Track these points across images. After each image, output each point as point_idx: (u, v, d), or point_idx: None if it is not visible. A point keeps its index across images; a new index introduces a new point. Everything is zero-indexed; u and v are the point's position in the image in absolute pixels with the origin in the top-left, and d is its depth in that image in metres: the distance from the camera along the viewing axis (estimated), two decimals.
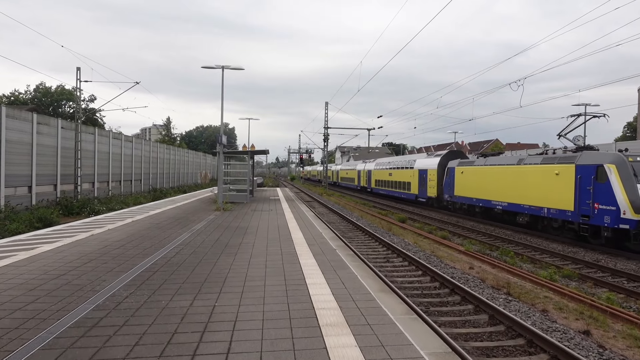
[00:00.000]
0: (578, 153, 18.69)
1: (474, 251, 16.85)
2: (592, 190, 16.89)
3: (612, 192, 15.99)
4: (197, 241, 10.77)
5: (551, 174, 19.21)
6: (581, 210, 17.48)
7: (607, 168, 16.32)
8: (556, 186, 18.82)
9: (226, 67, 19.00)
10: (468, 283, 10.84)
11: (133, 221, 14.56)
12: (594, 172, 16.85)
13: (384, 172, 42.64)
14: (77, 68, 26.23)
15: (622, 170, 15.89)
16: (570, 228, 18.60)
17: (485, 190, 24.61)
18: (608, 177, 16.22)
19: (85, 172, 28.31)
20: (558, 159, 19.33)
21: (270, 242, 10.78)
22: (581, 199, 17.46)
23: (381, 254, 14.72)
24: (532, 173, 20.59)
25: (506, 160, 23.90)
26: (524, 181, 21.18)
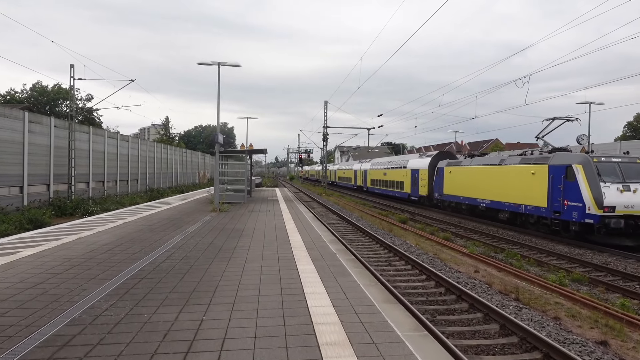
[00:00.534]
0: (552, 154, 19.92)
1: (478, 253, 16.31)
2: (563, 188, 18.24)
3: (579, 190, 17.39)
4: (189, 245, 10.22)
5: (528, 174, 20.55)
6: (553, 206, 18.87)
7: (575, 168, 17.71)
8: (532, 185, 20.14)
9: (222, 63, 18.43)
10: (475, 289, 10.30)
11: (124, 223, 14.00)
12: (564, 172, 18.21)
13: (379, 171, 43.94)
14: (71, 65, 25.64)
15: (587, 170, 17.29)
16: (544, 223, 19.95)
17: (470, 188, 25.91)
18: (576, 176, 17.60)
19: (80, 172, 27.73)
20: (534, 160, 20.68)
21: (266, 245, 10.23)
22: (553, 196, 18.83)
23: (383, 256, 14.17)
24: (512, 173, 21.94)
25: (489, 161, 25.29)
26: (504, 180, 22.52)
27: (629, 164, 17.71)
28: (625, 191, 16.74)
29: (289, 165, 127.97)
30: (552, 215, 19.04)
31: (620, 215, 16.55)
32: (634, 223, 16.62)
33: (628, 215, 16.57)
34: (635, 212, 16.63)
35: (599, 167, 17.28)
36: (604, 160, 17.70)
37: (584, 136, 26.89)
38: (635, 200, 16.71)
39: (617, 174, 17.24)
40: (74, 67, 25.72)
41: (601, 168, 17.29)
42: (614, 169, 17.48)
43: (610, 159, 18.03)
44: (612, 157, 18.52)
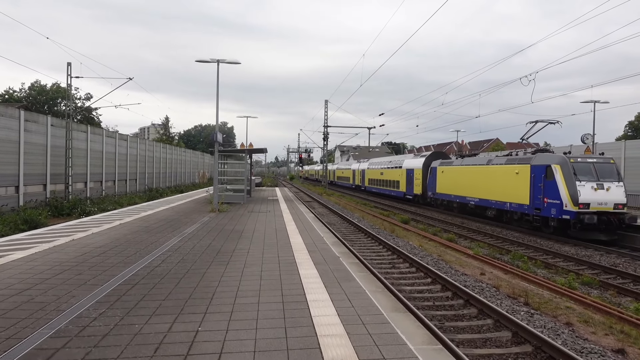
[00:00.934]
0: (534, 155, 21.13)
1: (484, 255, 15.94)
2: (543, 186, 19.42)
3: (557, 188, 18.57)
4: (186, 247, 9.83)
5: (512, 173, 21.81)
6: (534, 204, 20.02)
7: (554, 168, 18.86)
8: (516, 183, 21.39)
9: (222, 60, 18.05)
10: (483, 293, 9.92)
11: (120, 224, 13.62)
12: (544, 171, 19.40)
13: (376, 171, 45.18)
14: (68, 63, 25.25)
15: (565, 170, 18.48)
16: (527, 220, 21.11)
17: (461, 187, 27.05)
18: (554, 175, 18.78)
19: (77, 172, 27.36)
20: (518, 160, 21.88)
21: (266, 248, 9.85)
22: (534, 194, 20.00)
23: (386, 258, 13.80)
24: (498, 172, 23.26)
25: (478, 161, 26.38)
26: (491, 179, 23.80)
27: (603, 164, 18.86)
28: (599, 189, 18.03)
29: (289, 165, 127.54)
30: (533, 212, 20.21)
31: (594, 211, 17.76)
32: (606, 219, 17.76)
33: (601, 212, 17.78)
34: (607, 208, 17.86)
35: (575, 167, 18.47)
36: (580, 161, 18.89)
37: (588, 135, 26.61)
38: (608, 198, 17.96)
39: (592, 174, 18.42)
40: (71, 65, 25.34)
41: (577, 168, 18.49)
42: (589, 169, 18.61)
43: (586, 160, 19.17)
44: (587, 157, 19.69)
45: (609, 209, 17.87)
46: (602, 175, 18.39)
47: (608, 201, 17.94)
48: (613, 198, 18.00)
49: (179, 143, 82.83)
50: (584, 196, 17.84)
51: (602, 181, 18.19)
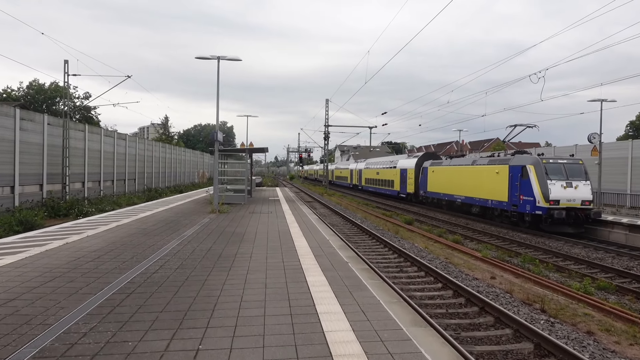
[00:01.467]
0: (513, 156, 22.98)
1: (492, 257, 15.47)
2: (519, 185, 21.16)
3: (531, 186, 20.29)
4: (186, 251, 9.34)
5: (493, 173, 23.57)
6: (512, 200, 21.81)
7: (528, 168, 20.64)
8: (496, 182, 23.17)
9: (222, 57, 17.55)
10: (498, 299, 9.44)
11: (118, 226, 13.13)
12: (520, 171, 21.16)
13: (373, 171, 46.86)
14: (65, 61, 24.74)
15: (538, 170, 20.22)
16: (505, 215, 22.91)
17: (449, 186, 28.71)
18: (529, 174, 20.52)
19: (75, 172, 26.86)
20: (498, 161, 23.73)
21: (270, 252, 9.36)
22: (512, 192, 21.78)
23: (393, 262, 13.31)
24: (481, 172, 25.05)
25: (465, 161, 27.97)
26: (475, 179, 25.52)
27: (572, 165, 20.77)
28: (567, 187, 19.84)
29: (288, 165, 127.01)
30: (511, 208, 22.02)
31: (563, 207, 19.52)
32: (574, 214, 19.64)
33: (569, 208, 19.59)
34: (575, 205, 19.69)
35: (547, 167, 20.25)
36: (551, 162, 20.68)
37: (595, 134, 26.12)
38: (576, 195, 19.78)
39: (562, 173, 20.20)
40: (68, 62, 24.82)
41: (549, 168, 20.28)
42: (560, 169, 20.39)
43: (557, 161, 21.01)
44: (558, 158, 21.56)
45: (577, 205, 19.73)
46: (571, 174, 20.26)
47: (576, 198, 19.78)
48: (580, 195, 19.87)
49: (179, 142, 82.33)
50: (554, 193, 19.66)
51: (571, 180, 20.04)
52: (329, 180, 71.46)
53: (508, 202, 22.20)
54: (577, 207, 19.68)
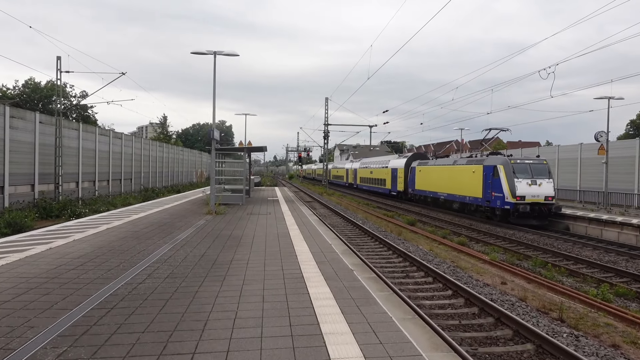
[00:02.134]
0: (487, 157, 25.31)
1: (501, 261, 14.82)
2: (491, 183, 23.40)
3: (501, 184, 22.56)
4: (177, 257, 8.67)
5: (470, 172, 25.72)
6: (486, 197, 24.04)
7: (499, 167, 22.92)
8: (473, 180, 25.37)
9: (219, 52, 16.86)
10: (514, 309, 8.76)
11: (108, 229, 12.44)
12: (492, 170, 23.35)
13: (367, 170, 49.15)
14: (57, 57, 24.02)
15: (507, 169, 22.50)
16: (480, 210, 25.22)
17: (433, 184, 31.00)
18: (499, 173, 22.79)
19: (69, 171, 26.16)
20: (475, 161, 25.95)
21: (268, 258, 8.69)
22: (485, 189, 24.02)
23: (398, 266, 12.65)
24: (461, 171, 27.14)
25: (447, 162, 30.33)
26: (456, 177, 27.67)
27: (537, 165, 23.03)
28: (532, 185, 22.06)
29: (287, 164, 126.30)
30: (485, 203, 24.25)
31: (528, 202, 21.82)
32: (537, 208, 21.94)
33: (533, 203, 21.91)
34: (539, 200, 22.01)
35: (514, 167, 22.45)
36: (518, 162, 23.01)
37: (602, 133, 25.49)
38: (539, 192, 22.03)
39: (528, 172, 22.41)
40: (61, 59, 24.11)
41: (516, 167, 22.46)
42: (526, 168, 22.59)
43: (524, 161, 23.40)
44: (525, 159, 24.06)
45: (540, 200, 22.06)
46: (536, 173, 22.45)
47: (540, 194, 22.06)
48: (544, 192, 22.13)
49: (177, 142, 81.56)
50: (520, 190, 21.90)
51: (536, 178, 22.21)
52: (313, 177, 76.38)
53: (482, 198, 24.42)
54: (540, 202, 22.09)
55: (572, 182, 31.38)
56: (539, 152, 35.28)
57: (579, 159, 31.04)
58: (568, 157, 32.42)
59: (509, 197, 22.05)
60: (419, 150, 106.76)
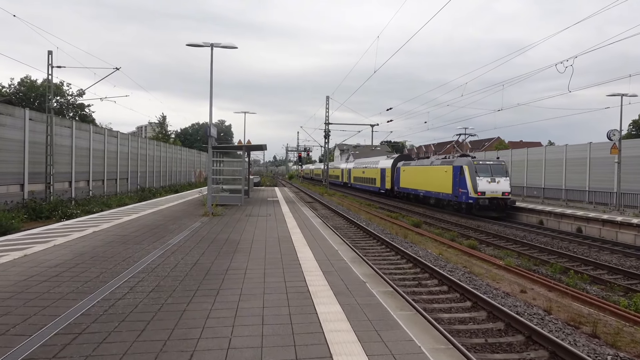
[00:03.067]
0: (457, 158, 28.83)
1: (516, 266, 13.88)
2: (459, 180, 26.98)
3: (466, 181, 26.17)
4: (166, 266, 7.72)
5: (443, 172, 29.43)
6: (454, 193, 27.61)
7: (464, 168, 26.50)
8: (445, 179, 28.96)
9: (216, 45, 15.91)
10: (545, 324, 7.81)
11: (94, 232, 11.49)
12: (459, 170, 26.99)
13: (360, 170, 53.23)
14: (49, 52, 23.07)
15: (470, 169, 26.10)
16: (450, 204, 28.87)
17: (414, 182, 34.86)
18: (464, 173, 26.38)
19: (61, 170, 25.19)
20: (447, 162, 29.70)
21: (269, 267, 7.74)
22: (454, 186, 27.57)
23: (408, 272, 11.71)
24: (436, 171, 30.94)
25: (426, 162, 34.36)
26: (432, 176, 31.56)
27: (496, 165, 26.73)
28: (491, 182, 25.60)
29: (287, 164, 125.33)
30: (454, 198, 27.88)
31: (487, 197, 25.43)
32: (495, 202, 25.60)
33: (492, 197, 25.53)
34: (497, 195, 25.61)
35: (477, 167, 26.07)
36: (481, 163, 26.66)
37: (615, 131, 24.56)
38: (497, 188, 25.62)
39: (488, 171, 25.99)
40: (52, 53, 23.15)
41: (478, 167, 26.08)
42: (487, 168, 26.20)
43: (485, 162, 26.94)
44: (487, 160, 27.58)
45: (498, 195, 25.62)
46: (495, 172, 26.05)
47: (497, 190, 25.62)
48: (501, 188, 25.66)
49: (175, 141, 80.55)
50: (480, 187, 25.47)
51: (494, 176, 25.77)
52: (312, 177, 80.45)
53: (452, 194, 28.04)
54: (498, 197, 25.66)
55: (581, 183, 30.42)
56: (547, 150, 34.44)
57: (588, 158, 30.08)
58: (576, 156, 31.46)
59: (472, 192, 25.73)
60: (420, 151, 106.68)
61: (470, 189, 25.74)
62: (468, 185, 25.91)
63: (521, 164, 36.61)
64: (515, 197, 33.42)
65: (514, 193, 30.69)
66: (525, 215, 26.02)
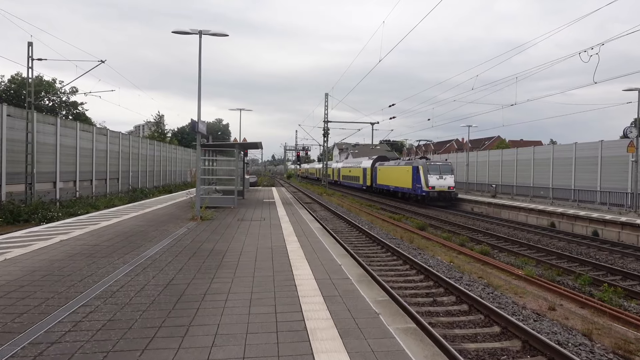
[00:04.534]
0: (415, 160, 37.15)
1: (538, 277, 12.46)
2: (416, 178, 33.77)
3: (420, 178, 32.87)
4: (132, 288, 6.28)
5: (405, 171, 36.26)
6: (413, 187, 34.35)
7: (419, 168, 33.25)
8: (407, 176, 35.71)
9: (205, 32, 14.46)
10: (594, 357, 6.40)
11: (61, 241, 10.03)
12: (416, 169, 33.75)
13: (347, 169, 60.95)
14: (29, 43, 21.58)
15: (424, 169, 32.82)
16: (411, 197, 35.60)
17: (387, 180, 41.75)
18: (420, 171, 33.11)
19: (44, 170, 23.72)
20: (409, 163, 36.64)
21: (257, 288, 6.31)
22: (413, 182, 34.32)
23: (420, 286, 10.29)
24: (401, 170, 37.76)
25: (395, 163, 41.32)
26: (399, 174, 38.21)
27: (444, 165, 33.70)
28: (440, 179, 32.22)
29: (286, 163, 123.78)
30: (413, 192, 34.71)
31: (436, 191, 32.14)
32: (443, 194, 32.25)
33: (439, 190, 32.18)
34: (443, 189, 32.19)
35: (429, 167, 32.90)
36: (432, 164, 33.83)
37: (632, 128, 23.20)
38: (444, 183, 32.25)
39: (438, 170, 32.73)
40: (33, 45, 21.67)
41: (430, 167, 32.89)
42: (437, 167, 33.00)
43: (436, 163, 34.51)
44: (437, 162, 35.47)
45: (444, 189, 32.29)
46: (443, 171, 32.81)
47: (444, 185, 32.34)
48: (447, 183, 32.37)
49: (172, 140, 79.00)
50: (431, 182, 32.18)
51: (442, 174, 32.51)
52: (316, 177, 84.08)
53: (411, 188, 34.90)
54: (445, 190, 32.36)
55: (591, 183, 29.02)
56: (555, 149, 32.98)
57: (600, 157, 28.67)
58: (586, 155, 30.05)
59: (424, 187, 32.57)
60: (419, 150, 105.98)
61: (424, 184, 32.67)
62: (422, 181, 32.87)
63: (527, 164, 35.27)
64: (523, 197, 32.59)
65: (522, 193, 34.13)
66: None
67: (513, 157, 37.30)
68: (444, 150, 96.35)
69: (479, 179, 42.41)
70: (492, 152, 42.85)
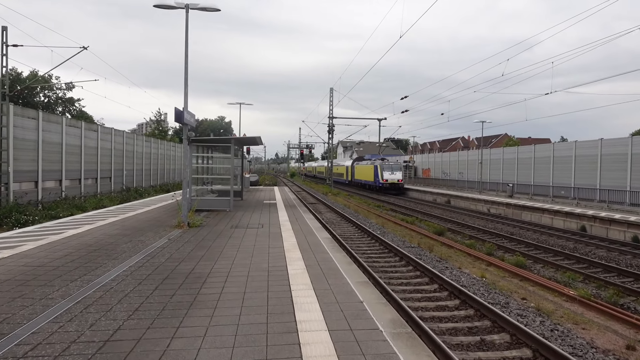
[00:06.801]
0: (377, 160, 47.99)
1: (597, 300, 10.20)
2: (376, 173, 45.77)
3: (378, 174, 45.00)
4: (48, 349, 4.09)
5: (370, 168, 48.31)
6: (375, 181, 46.17)
7: (378, 166, 45.38)
8: (371, 172, 47.63)
9: (192, 6, 12.28)
10: None
11: (2, 259, 7.86)
12: (377, 167, 45.55)
13: (335, 167, 70.29)
14: (3, 28, 19.43)
15: (381, 167, 45.10)
16: (373, 188, 47.05)
17: (360, 175, 53.87)
18: (378, 169, 45.13)
19: (24, 169, 21.58)
20: (371, 163, 49.01)
21: (239, 350, 4.11)
22: (374, 177, 46.30)
23: (457, 317, 8.07)
24: (367, 167, 49.89)
25: (365, 162, 53.35)
26: (366, 171, 50.27)
27: (395, 164, 46.51)
28: (392, 174, 44.23)
29: (289, 162, 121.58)
30: (374, 183, 46.22)
31: (389, 183, 44.07)
32: (394, 185, 44.37)
33: (391, 182, 44.10)
34: (394, 181, 44.14)
35: (384, 166, 45.05)
36: (387, 164, 46.06)
37: None
38: (395, 177, 44.27)
39: (390, 168, 44.89)
40: (7, 30, 19.53)
41: (384, 166, 45.07)
42: (390, 166, 45.34)
43: (389, 163, 47.28)
44: (391, 162, 48.69)
45: (395, 181, 44.11)
46: (394, 169, 44.90)
47: (395, 179, 44.15)
48: (397, 177, 44.27)
49: (173, 138, 76.99)
50: (385, 177, 44.02)
51: (394, 171, 44.55)
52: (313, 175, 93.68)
53: (374, 181, 46.24)
54: (395, 182, 44.03)
55: (619, 182, 26.67)
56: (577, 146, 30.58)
57: (630, 154, 26.31)
58: (613, 152, 27.70)
59: (381, 180, 44.16)
60: (424, 148, 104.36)
61: (380, 178, 44.30)
62: (379, 176, 44.59)
63: (546, 161, 32.95)
64: (542, 197, 30.30)
65: (540, 193, 32.58)
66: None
67: (530, 155, 34.96)
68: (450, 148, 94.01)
69: (492, 177, 40.17)
70: (506, 150, 40.49)
